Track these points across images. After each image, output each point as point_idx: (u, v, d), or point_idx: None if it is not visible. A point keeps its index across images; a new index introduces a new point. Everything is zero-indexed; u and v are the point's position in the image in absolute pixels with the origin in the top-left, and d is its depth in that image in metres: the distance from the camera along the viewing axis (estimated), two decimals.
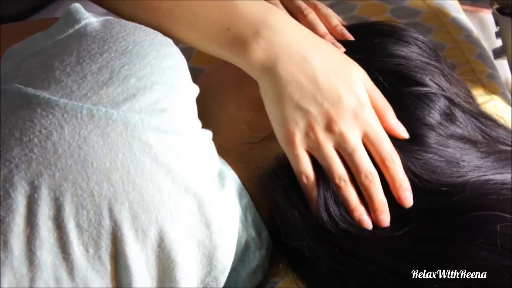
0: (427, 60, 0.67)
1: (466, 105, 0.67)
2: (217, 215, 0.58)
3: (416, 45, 0.69)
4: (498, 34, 0.90)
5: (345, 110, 0.60)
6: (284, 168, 0.64)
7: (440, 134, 0.63)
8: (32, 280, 0.51)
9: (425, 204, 0.60)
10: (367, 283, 0.59)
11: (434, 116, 0.63)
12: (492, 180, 0.62)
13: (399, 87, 0.64)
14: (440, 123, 0.63)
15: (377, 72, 0.65)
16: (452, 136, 0.64)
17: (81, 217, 0.51)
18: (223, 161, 0.64)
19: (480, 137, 0.66)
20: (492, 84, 0.89)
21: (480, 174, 0.62)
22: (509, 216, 0.58)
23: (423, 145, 0.62)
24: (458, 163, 0.62)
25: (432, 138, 0.63)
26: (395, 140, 0.62)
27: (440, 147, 0.62)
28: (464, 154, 0.63)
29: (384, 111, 0.62)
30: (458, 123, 0.65)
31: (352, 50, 0.68)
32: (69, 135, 0.50)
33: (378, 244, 0.59)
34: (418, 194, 0.61)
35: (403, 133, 0.62)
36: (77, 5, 0.57)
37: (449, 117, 0.64)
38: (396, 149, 0.61)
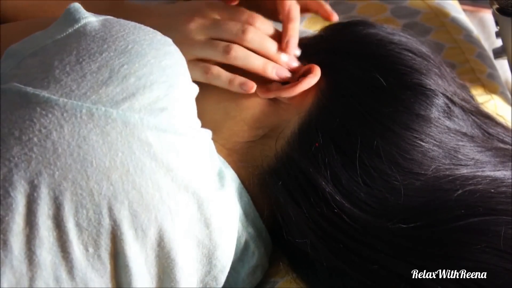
0: (424, 60, 0.68)
1: (464, 103, 0.67)
2: (217, 214, 0.58)
3: (412, 46, 0.69)
4: (498, 34, 0.90)
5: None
6: (284, 166, 0.64)
7: (438, 127, 0.63)
8: (32, 279, 0.51)
9: (426, 201, 0.60)
10: (368, 282, 0.59)
11: (432, 111, 0.63)
12: (491, 176, 0.62)
13: (396, 84, 0.64)
14: (438, 118, 0.63)
15: (373, 68, 0.65)
16: (449, 129, 0.64)
17: (81, 216, 0.51)
18: (223, 160, 0.64)
19: (479, 133, 0.66)
20: (492, 84, 0.89)
21: (478, 168, 0.62)
22: (510, 218, 0.58)
23: (421, 135, 0.62)
24: (456, 156, 0.62)
25: (430, 130, 0.63)
26: (391, 128, 0.62)
27: (438, 139, 0.62)
28: (462, 147, 0.63)
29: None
30: (456, 119, 0.65)
31: (349, 47, 0.68)
32: (68, 134, 0.50)
33: (381, 242, 0.59)
34: (418, 190, 0.61)
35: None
36: (77, 4, 0.57)
37: (447, 113, 0.64)
38: (394, 137, 0.61)
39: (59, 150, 0.50)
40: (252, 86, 0.67)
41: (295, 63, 0.69)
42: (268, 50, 0.68)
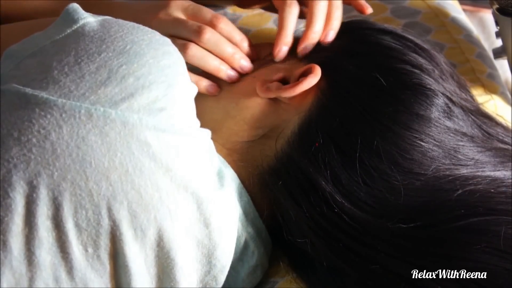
0: (424, 60, 0.68)
1: (464, 103, 0.67)
2: (216, 214, 0.58)
3: (412, 45, 0.69)
4: (498, 34, 0.90)
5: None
6: (284, 166, 0.64)
7: (438, 127, 0.63)
8: (31, 279, 0.51)
9: (426, 201, 0.60)
10: (368, 282, 0.59)
11: (432, 111, 0.63)
12: (491, 176, 0.62)
13: (396, 83, 0.64)
14: (438, 118, 0.63)
15: (374, 68, 0.65)
16: (449, 129, 0.63)
17: (80, 216, 0.51)
18: (223, 160, 0.64)
19: (479, 134, 0.66)
20: (492, 84, 0.89)
21: (478, 168, 0.62)
22: (510, 218, 0.57)
23: (421, 135, 0.62)
24: (456, 156, 0.62)
25: (430, 130, 0.62)
26: (391, 128, 0.62)
27: (438, 139, 0.62)
28: (462, 147, 0.63)
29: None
30: (456, 119, 0.65)
31: (349, 46, 0.68)
32: (67, 135, 0.51)
33: (381, 242, 0.59)
34: (418, 190, 0.60)
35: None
36: (75, 5, 0.57)
37: (447, 113, 0.64)
38: (394, 137, 0.61)
39: (58, 151, 0.50)
40: (216, 89, 0.69)
41: (248, 66, 0.70)
42: (223, 52, 0.69)
